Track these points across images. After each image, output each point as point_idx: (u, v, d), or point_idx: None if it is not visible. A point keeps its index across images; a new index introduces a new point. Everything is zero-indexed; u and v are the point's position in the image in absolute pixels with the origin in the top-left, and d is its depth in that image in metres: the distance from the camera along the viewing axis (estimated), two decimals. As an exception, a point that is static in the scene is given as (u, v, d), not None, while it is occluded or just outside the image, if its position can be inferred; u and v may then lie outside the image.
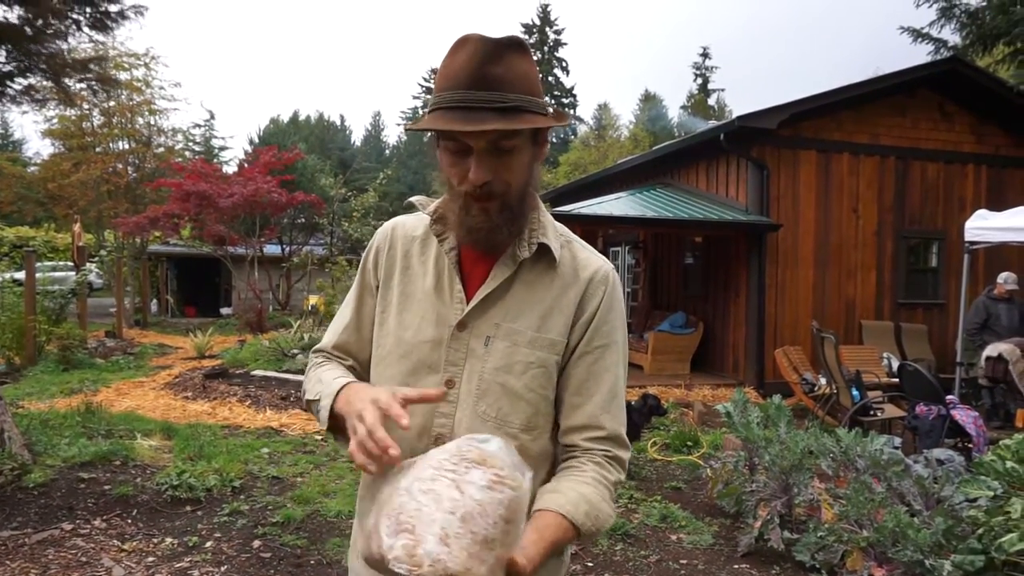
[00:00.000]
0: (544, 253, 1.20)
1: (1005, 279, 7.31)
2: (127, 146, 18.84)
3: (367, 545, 0.94)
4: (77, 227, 13.97)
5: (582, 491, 1.11)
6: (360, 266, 1.34)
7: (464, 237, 1.16)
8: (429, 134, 1.21)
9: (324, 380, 1.21)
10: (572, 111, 45.25)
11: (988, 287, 7.54)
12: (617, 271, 1.30)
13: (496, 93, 1.06)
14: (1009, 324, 7.11)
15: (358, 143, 56.10)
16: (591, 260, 1.24)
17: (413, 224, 1.31)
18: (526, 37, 44.06)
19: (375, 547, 0.91)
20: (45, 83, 7.08)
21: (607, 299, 1.22)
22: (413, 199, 1.33)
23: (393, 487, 0.95)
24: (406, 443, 1.18)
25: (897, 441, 4.03)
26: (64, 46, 6.63)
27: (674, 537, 4.13)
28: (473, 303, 1.18)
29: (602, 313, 1.21)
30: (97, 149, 18.52)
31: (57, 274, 16.13)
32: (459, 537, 0.86)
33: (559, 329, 1.19)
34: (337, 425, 1.13)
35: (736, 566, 3.76)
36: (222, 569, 3.52)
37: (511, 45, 1.08)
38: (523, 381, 1.16)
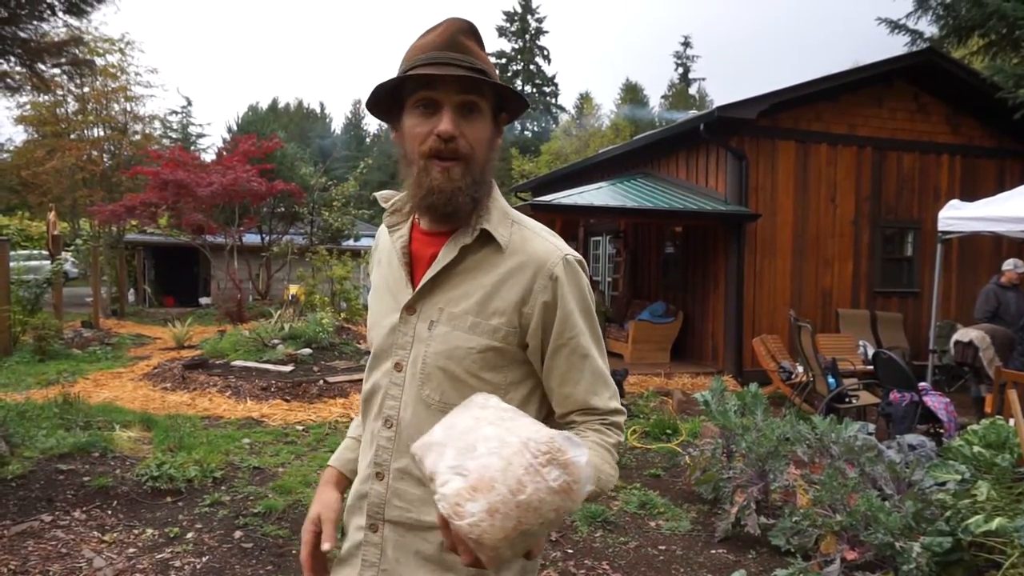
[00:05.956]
0: (488, 240, 1.21)
1: (1015, 264, 7.25)
2: (102, 133, 18.51)
3: (426, 449, 0.98)
4: (52, 215, 13.75)
5: None
6: None
7: (423, 200, 1.18)
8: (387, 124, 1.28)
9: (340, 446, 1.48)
10: (554, 100, 45.14)
11: (995, 275, 7.44)
12: (598, 261, 1.32)
13: (466, 56, 1.15)
14: (1018, 312, 6.99)
15: (338, 131, 55.60)
16: (539, 249, 1.21)
17: None
18: (507, 25, 43.84)
19: (431, 463, 0.94)
20: (19, 69, 6.94)
21: (564, 289, 1.19)
22: (377, 194, 1.38)
23: (476, 423, 0.98)
24: (368, 423, 1.29)
25: (871, 427, 4.12)
26: (38, 31, 6.50)
27: (653, 523, 4.20)
28: (419, 288, 1.23)
29: (563, 304, 1.19)
30: (72, 136, 18.18)
31: (32, 263, 15.87)
32: (506, 518, 0.88)
33: (500, 317, 1.18)
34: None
35: (713, 551, 3.83)
36: (203, 560, 3.53)
37: (477, 30, 1.20)
38: (464, 366, 1.18)
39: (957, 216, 6.83)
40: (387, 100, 1.23)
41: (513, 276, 1.19)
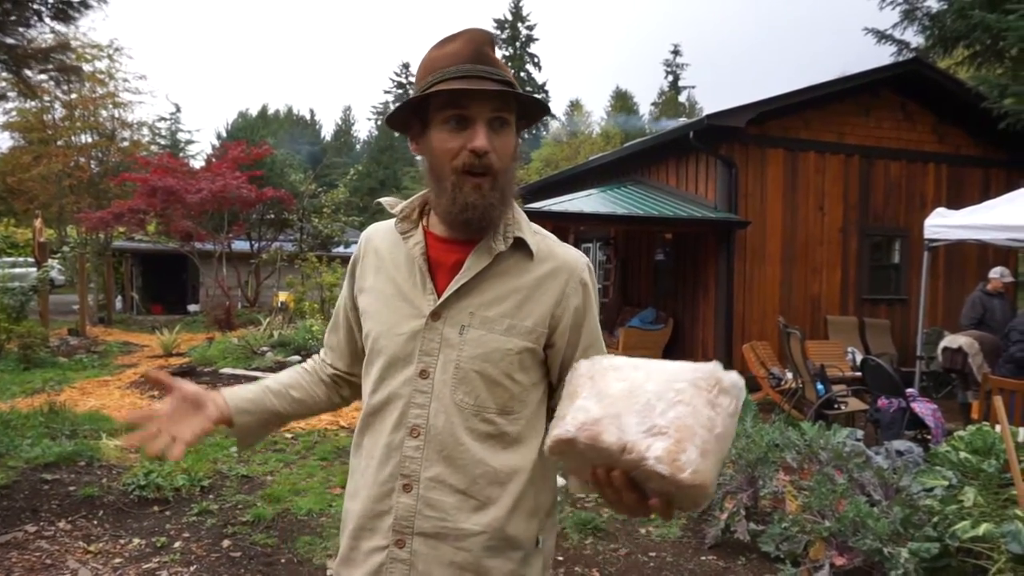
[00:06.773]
0: (520, 246, 1.24)
1: (1001, 273, 7.33)
2: (90, 139, 18.41)
3: (595, 428, 0.95)
4: (38, 222, 13.65)
5: None
6: (346, 276, 1.43)
7: (458, 216, 1.19)
8: (399, 133, 1.28)
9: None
10: (544, 107, 45.23)
11: (981, 283, 7.51)
12: (588, 267, 1.35)
13: (495, 70, 1.17)
14: (1003, 319, 7.05)
15: (328, 138, 55.53)
16: (567, 256, 1.28)
17: (387, 227, 1.35)
18: (498, 32, 44.03)
19: (613, 437, 0.93)
20: (5, 75, 6.91)
21: (590, 294, 1.29)
22: (381, 200, 1.37)
23: (629, 383, 0.99)
24: (382, 436, 1.24)
25: (860, 434, 4.15)
26: (25, 37, 6.47)
27: (643, 530, 4.20)
28: (448, 293, 1.21)
29: (589, 308, 1.29)
30: (59, 143, 18.07)
31: (17, 270, 15.73)
32: (713, 453, 0.92)
33: (535, 319, 1.23)
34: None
35: (703, 558, 3.83)
36: (191, 569, 3.50)
37: (495, 41, 1.21)
38: (501, 368, 1.20)
39: (943, 224, 6.88)
40: (408, 112, 1.23)
41: (546, 281, 1.25)
